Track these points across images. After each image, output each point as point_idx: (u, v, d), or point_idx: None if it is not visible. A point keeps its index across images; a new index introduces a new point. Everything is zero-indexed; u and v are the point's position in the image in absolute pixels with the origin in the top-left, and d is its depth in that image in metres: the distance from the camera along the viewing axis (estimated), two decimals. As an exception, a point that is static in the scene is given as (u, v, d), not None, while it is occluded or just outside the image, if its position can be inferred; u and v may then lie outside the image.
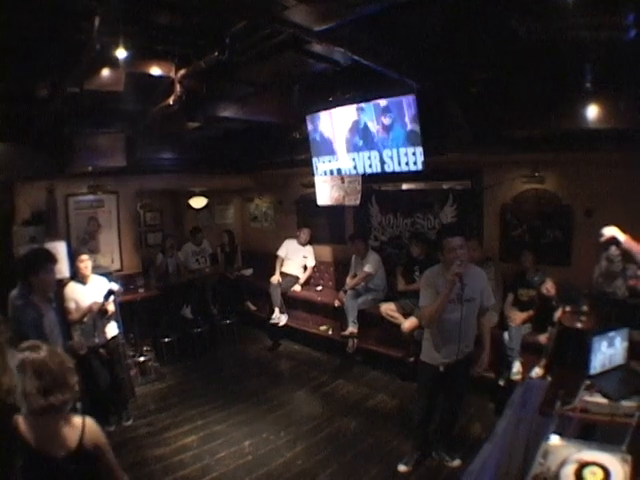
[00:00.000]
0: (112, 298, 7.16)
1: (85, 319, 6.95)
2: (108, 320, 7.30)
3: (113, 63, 5.16)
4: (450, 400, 6.12)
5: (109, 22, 4.21)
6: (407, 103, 6.84)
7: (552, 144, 6.43)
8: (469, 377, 6.01)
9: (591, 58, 5.05)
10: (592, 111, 5.68)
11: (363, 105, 7.43)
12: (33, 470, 2.92)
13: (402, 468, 6.17)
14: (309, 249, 11.50)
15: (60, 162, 8.43)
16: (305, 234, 11.39)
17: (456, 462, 6.06)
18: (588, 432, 3.76)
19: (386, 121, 7.25)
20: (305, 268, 11.50)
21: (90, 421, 3.23)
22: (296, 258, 11.32)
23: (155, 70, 5.86)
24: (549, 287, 7.22)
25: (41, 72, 5.66)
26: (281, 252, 11.36)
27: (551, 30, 4.41)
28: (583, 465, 2.72)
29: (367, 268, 9.47)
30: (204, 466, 6.31)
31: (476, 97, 6.44)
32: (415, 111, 6.79)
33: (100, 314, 7.07)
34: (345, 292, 9.54)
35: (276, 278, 10.89)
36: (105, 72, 5.55)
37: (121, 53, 4.68)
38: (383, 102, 7.17)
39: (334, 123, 8.00)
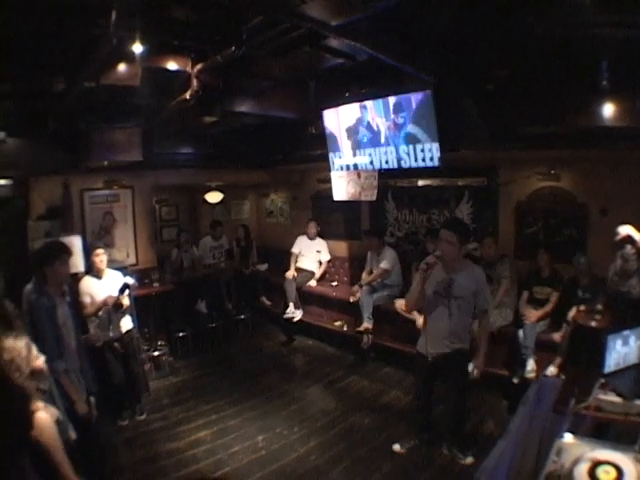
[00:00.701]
0: (127, 292, 7.19)
1: (100, 313, 6.98)
2: (123, 314, 7.33)
3: (129, 58, 5.16)
4: (450, 396, 6.18)
5: (125, 17, 4.21)
6: (420, 100, 6.83)
7: (568, 141, 6.39)
8: (465, 373, 5.96)
9: (608, 56, 5.01)
10: (608, 109, 5.65)
11: (371, 103, 7.45)
12: None
13: (396, 447, 6.35)
14: (322, 243, 11.50)
15: (76, 157, 8.48)
16: (312, 227, 11.38)
17: (469, 459, 6.04)
18: (602, 431, 3.73)
19: (398, 120, 7.24)
20: (320, 263, 11.49)
21: (41, 416, 3.20)
22: (309, 254, 11.32)
23: (172, 65, 5.87)
24: None
25: (57, 67, 5.69)
26: (295, 249, 11.37)
27: (568, 27, 4.39)
28: (596, 464, 2.70)
29: (384, 264, 9.49)
30: (217, 460, 6.32)
31: (492, 94, 6.41)
32: (431, 107, 6.78)
33: (115, 308, 7.10)
34: (360, 287, 9.54)
35: (291, 273, 10.91)
36: (121, 67, 5.56)
37: (137, 48, 4.68)
38: (393, 99, 7.17)
39: (340, 120, 8.03)
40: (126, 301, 7.25)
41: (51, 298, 5.17)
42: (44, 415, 3.22)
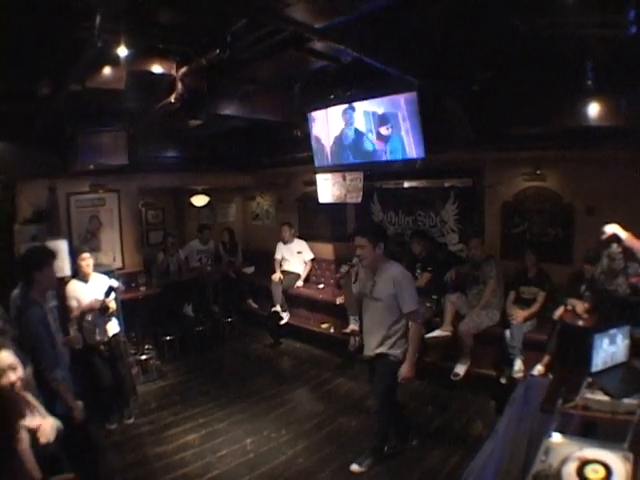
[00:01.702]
0: (113, 295, 7.17)
1: (88, 317, 6.95)
2: (109, 318, 7.31)
3: (114, 61, 5.14)
4: (373, 402, 6.21)
5: (110, 20, 4.21)
6: (405, 104, 6.86)
7: (553, 141, 6.44)
8: (386, 382, 5.83)
9: (592, 55, 5.05)
10: (593, 109, 5.70)
11: (357, 114, 7.49)
12: None
13: (354, 468, 6.12)
14: (300, 243, 11.52)
15: (62, 160, 8.46)
16: (285, 231, 11.40)
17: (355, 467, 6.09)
18: (589, 430, 3.76)
19: (385, 132, 7.28)
20: (305, 263, 11.49)
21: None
22: (292, 257, 11.33)
23: (156, 68, 5.85)
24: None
25: (42, 70, 5.67)
26: (277, 255, 11.39)
27: (552, 27, 4.42)
28: (585, 463, 2.71)
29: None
30: (205, 464, 6.31)
31: (477, 95, 6.45)
32: (416, 109, 6.81)
33: (101, 311, 7.08)
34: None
35: (277, 276, 10.90)
36: (106, 70, 5.54)
37: (122, 51, 4.67)
38: (380, 109, 7.19)
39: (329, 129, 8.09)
40: (112, 304, 7.23)
41: (42, 306, 5.13)
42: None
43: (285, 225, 11.42)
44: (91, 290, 7.17)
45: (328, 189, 9.51)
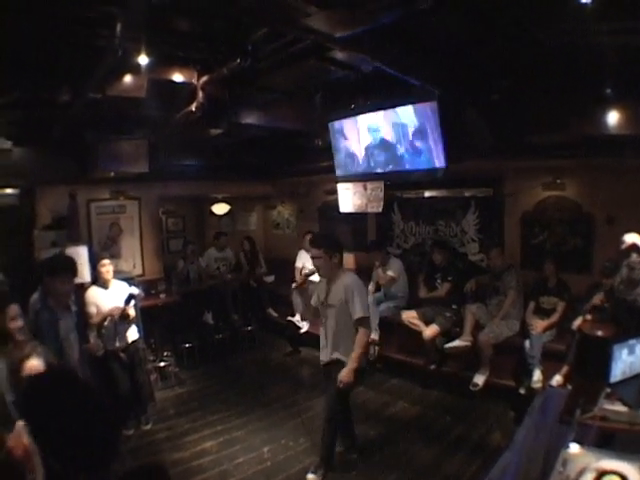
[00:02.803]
0: (133, 302, 7.22)
1: (106, 323, 6.99)
2: (129, 324, 7.36)
3: (135, 69, 5.20)
4: (324, 408, 6.23)
5: (130, 29, 4.24)
6: (431, 113, 6.84)
7: (573, 150, 6.41)
8: (343, 389, 5.80)
9: (611, 64, 5.02)
10: (613, 117, 5.67)
11: (385, 123, 7.47)
12: None
13: (310, 477, 6.10)
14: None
15: (82, 167, 8.52)
16: (307, 240, 11.25)
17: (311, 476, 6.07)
18: (607, 441, 3.73)
19: (418, 144, 7.27)
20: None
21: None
22: (311, 266, 11.28)
23: (177, 77, 5.90)
24: None
25: (61, 78, 5.72)
26: (298, 263, 11.28)
27: (571, 35, 4.41)
28: (602, 474, 2.70)
29: (391, 272, 9.46)
30: (222, 471, 6.31)
31: (497, 104, 6.43)
32: (437, 118, 6.80)
33: (121, 318, 7.12)
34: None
35: (298, 284, 10.87)
36: (127, 78, 5.61)
37: (143, 59, 4.72)
38: (408, 119, 7.17)
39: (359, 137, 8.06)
40: (132, 311, 7.28)
41: (53, 311, 5.18)
42: None
43: (308, 234, 11.26)
44: (111, 297, 7.20)
45: (349, 198, 9.51)
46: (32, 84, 5.70)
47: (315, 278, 11.08)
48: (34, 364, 3.51)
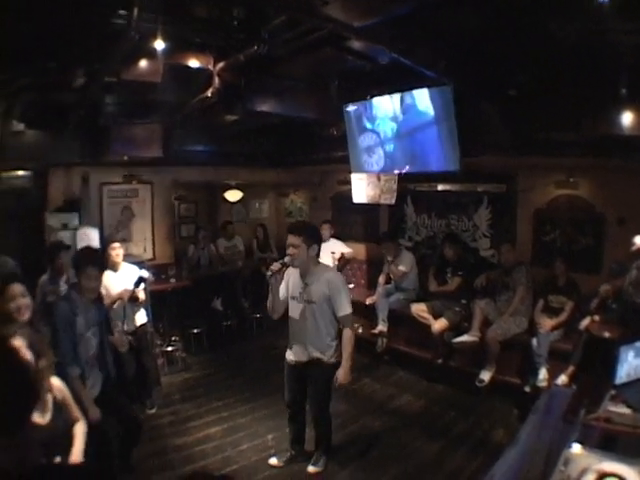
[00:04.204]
0: (142, 286, 7.23)
1: (115, 306, 7.00)
2: (138, 308, 7.41)
3: (151, 54, 5.18)
4: (311, 407, 6.08)
5: (147, 12, 4.24)
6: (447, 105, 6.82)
7: (587, 149, 6.36)
8: (324, 388, 5.81)
9: (628, 63, 4.98)
10: (628, 117, 5.61)
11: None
12: None
13: (273, 461, 6.22)
14: (336, 243, 11.14)
15: (95, 151, 8.51)
16: (325, 229, 10.90)
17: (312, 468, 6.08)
18: (610, 443, 3.72)
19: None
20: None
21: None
22: (325, 256, 11.22)
23: (193, 62, 5.88)
24: None
25: (77, 60, 5.71)
26: None
27: (588, 33, 4.38)
28: (603, 476, 2.70)
29: (401, 267, 9.45)
30: (225, 457, 6.34)
31: (514, 99, 6.39)
32: (452, 110, 6.78)
33: (130, 301, 7.14)
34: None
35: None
36: (143, 63, 5.58)
37: (159, 44, 4.71)
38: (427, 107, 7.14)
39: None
40: (141, 295, 7.31)
41: (74, 305, 5.06)
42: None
43: (326, 224, 11.07)
44: (120, 280, 7.22)
45: (362, 189, 9.52)
46: (47, 67, 5.69)
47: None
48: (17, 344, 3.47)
